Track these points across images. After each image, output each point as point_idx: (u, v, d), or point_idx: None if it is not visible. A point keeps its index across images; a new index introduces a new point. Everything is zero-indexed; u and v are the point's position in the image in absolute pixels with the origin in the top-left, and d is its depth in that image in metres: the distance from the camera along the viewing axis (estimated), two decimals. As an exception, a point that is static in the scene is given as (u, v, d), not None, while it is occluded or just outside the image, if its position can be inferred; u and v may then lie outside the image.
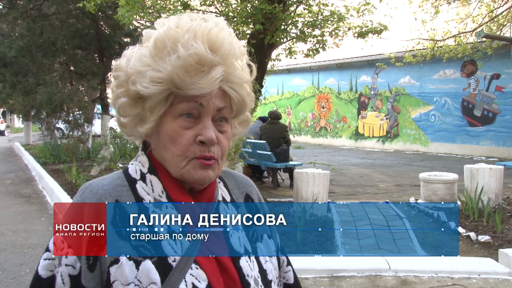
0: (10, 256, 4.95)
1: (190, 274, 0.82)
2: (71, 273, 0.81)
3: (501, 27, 11.91)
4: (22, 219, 6.57)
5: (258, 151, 8.36)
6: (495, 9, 11.86)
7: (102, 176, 0.91)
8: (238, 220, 0.95)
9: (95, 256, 0.81)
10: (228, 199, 0.98)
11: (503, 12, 11.73)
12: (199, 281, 0.82)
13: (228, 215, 0.94)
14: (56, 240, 0.82)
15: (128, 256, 0.80)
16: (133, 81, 0.84)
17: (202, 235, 0.87)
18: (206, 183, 0.89)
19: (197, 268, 0.83)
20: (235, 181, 1.04)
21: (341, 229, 5.52)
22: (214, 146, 0.85)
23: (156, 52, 0.83)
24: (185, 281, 0.81)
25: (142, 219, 0.84)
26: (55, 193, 7.62)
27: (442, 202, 6.50)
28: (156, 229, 0.84)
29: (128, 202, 0.85)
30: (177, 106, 0.84)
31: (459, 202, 6.35)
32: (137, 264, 0.80)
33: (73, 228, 0.82)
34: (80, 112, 13.73)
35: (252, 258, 0.92)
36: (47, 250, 0.83)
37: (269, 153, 8.15)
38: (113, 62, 0.92)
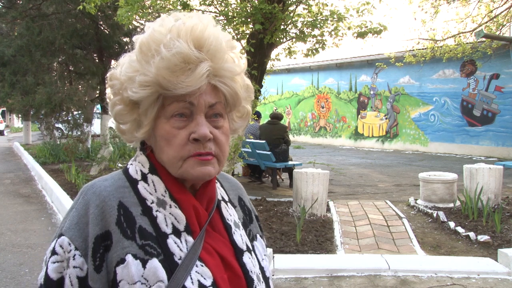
0: (9, 256, 4.94)
1: (196, 271, 0.83)
2: (79, 274, 0.81)
3: (500, 27, 11.92)
4: (21, 218, 6.57)
5: (257, 151, 8.36)
6: (495, 9, 11.87)
7: (102, 177, 0.91)
8: (238, 218, 0.99)
9: (102, 257, 0.81)
10: (226, 198, 1.01)
11: (502, 12, 11.74)
12: (204, 278, 0.83)
13: (229, 214, 0.97)
14: (63, 243, 0.82)
15: (134, 255, 0.81)
16: (125, 88, 0.85)
17: (205, 232, 0.88)
18: (206, 179, 0.88)
19: (202, 265, 0.84)
20: (228, 183, 1.06)
21: (340, 229, 5.52)
22: (210, 142, 0.85)
23: (141, 56, 0.83)
24: (191, 278, 0.81)
25: (147, 219, 0.85)
26: (55, 192, 7.61)
27: (442, 202, 6.50)
28: (161, 228, 0.84)
29: (131, 203, 0.86)
30: (168, 108, 0.84)
31: (458, 202, 6.35)
32: (144, 263, 0.80)
33: (79, 230, 0.82)
34: (80, 111, 13.73)
35: (253, 254, 0.95)
36: (55, 253, 0.83)
37: (269, 153, 8.16)
38: (112, 62, 0.92)
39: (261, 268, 0.95)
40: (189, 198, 0.89)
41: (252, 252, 0.95)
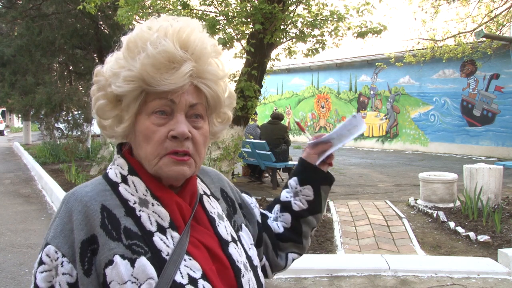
0: (9, 256, 4.94)
1: (185, 265, 0.83)
2: (68, 281, 0.81)
3: (500, 27, 11.92)
4: (21, 219, 6.57)
5: (257, 151, 8.36)
6: (495, 9, 11.87)
7: (83, 184, 0.92)
8: (221, 210, 1.00)
9: (90, 261, 0.81)
10: (208, 192, 1.02)
11: (502, 12, 11.73)
12: (193, 271, 0.84)
13: (212, 206, 0.98)
14: (49, 252, 0.82)
15: (122, 255, 0.81)
16: (110, 83, 0.87)
17: (190, 226, 0.89)
18: (180, 179, 0.89)
19: (190, 259, 0.85)
20: (209, 177, 1.08)
21: (340, 229, 5.52)
22: (188, 141, 0.86)
23: (128, 53, 0.86)
24: (181, 273, 0.82)
25: (131, 219, 0.85)
26: (55, 192, 7.61)
27: (442, 202, 6.50)
28: (146, 227, 0.85)
29: (114, 205, 0.86)
30: (150, 104, 0.85)
31: (458, 202, 6.35)
32: (132, 262, 0.81)
33: (64, 238, 0.82)
34: (80, 111, 13.73)
35: (239, 244, 0.96)
36: (42, 263, 0.83)
37: (269, 153, 8.16)
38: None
39: (248, 257, 0.97)
40: (171, 195, 0.89)
41: (238, 242, 0.96)
